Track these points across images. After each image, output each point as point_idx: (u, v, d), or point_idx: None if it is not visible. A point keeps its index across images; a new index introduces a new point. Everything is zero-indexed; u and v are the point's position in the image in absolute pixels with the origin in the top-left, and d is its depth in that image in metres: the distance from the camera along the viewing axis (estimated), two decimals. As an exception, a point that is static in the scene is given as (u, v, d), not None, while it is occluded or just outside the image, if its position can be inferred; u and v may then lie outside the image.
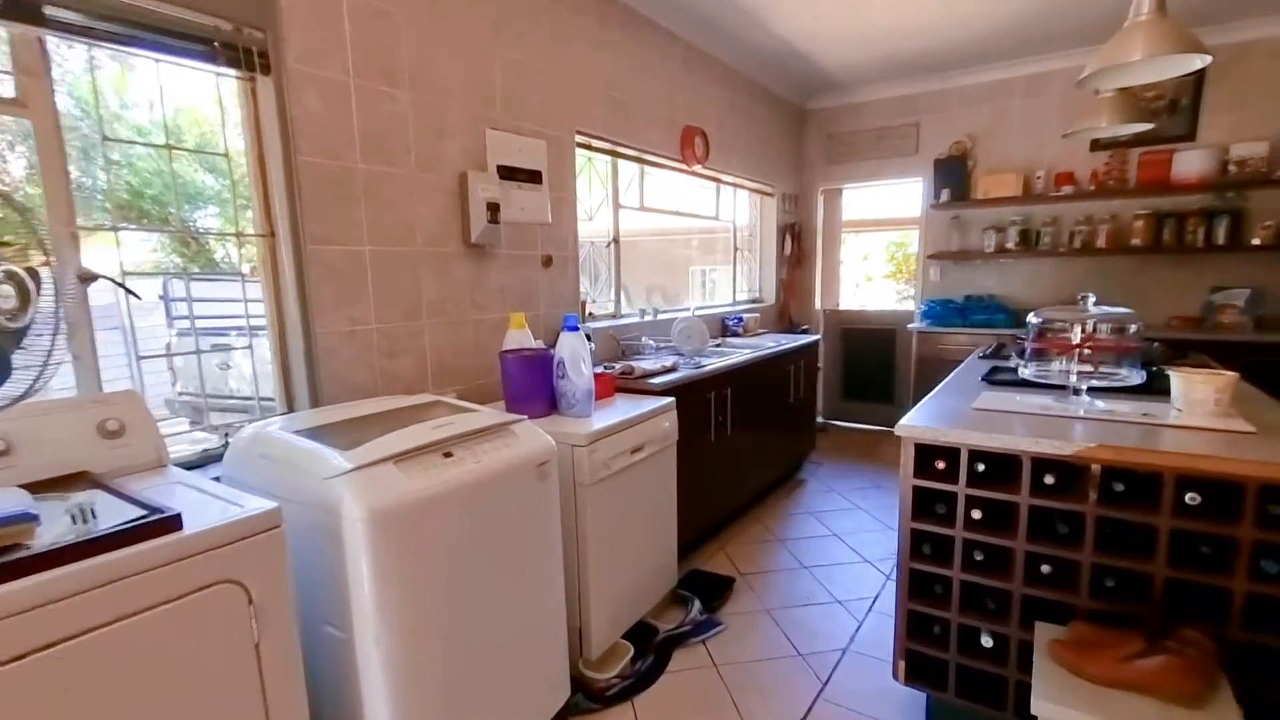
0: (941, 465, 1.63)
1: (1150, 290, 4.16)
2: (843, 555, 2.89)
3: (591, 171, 3.26)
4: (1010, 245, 4.43)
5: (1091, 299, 1.82)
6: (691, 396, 2.68)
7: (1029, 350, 1.89)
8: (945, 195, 4.58)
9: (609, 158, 3.24)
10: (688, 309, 3.79)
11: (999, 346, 3.01)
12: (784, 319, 5.09)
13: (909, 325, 4.71)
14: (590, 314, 3.18)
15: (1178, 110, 3.99)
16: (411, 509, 1.30)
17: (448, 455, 1.43)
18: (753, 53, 4.03)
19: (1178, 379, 1.64)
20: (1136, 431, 1.51)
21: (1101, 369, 1.72)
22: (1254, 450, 1.32)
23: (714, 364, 2.91)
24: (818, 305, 5.41)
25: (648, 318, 3.47)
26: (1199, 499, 1.33)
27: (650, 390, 2.49)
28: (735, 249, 4.68)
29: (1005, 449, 1.50)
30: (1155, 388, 1.78)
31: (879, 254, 5.63)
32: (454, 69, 2.27)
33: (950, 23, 3.67)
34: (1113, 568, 1.44)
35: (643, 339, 3.23)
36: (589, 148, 3.01)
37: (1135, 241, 4.05)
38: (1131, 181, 4.10)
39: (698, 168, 3.78)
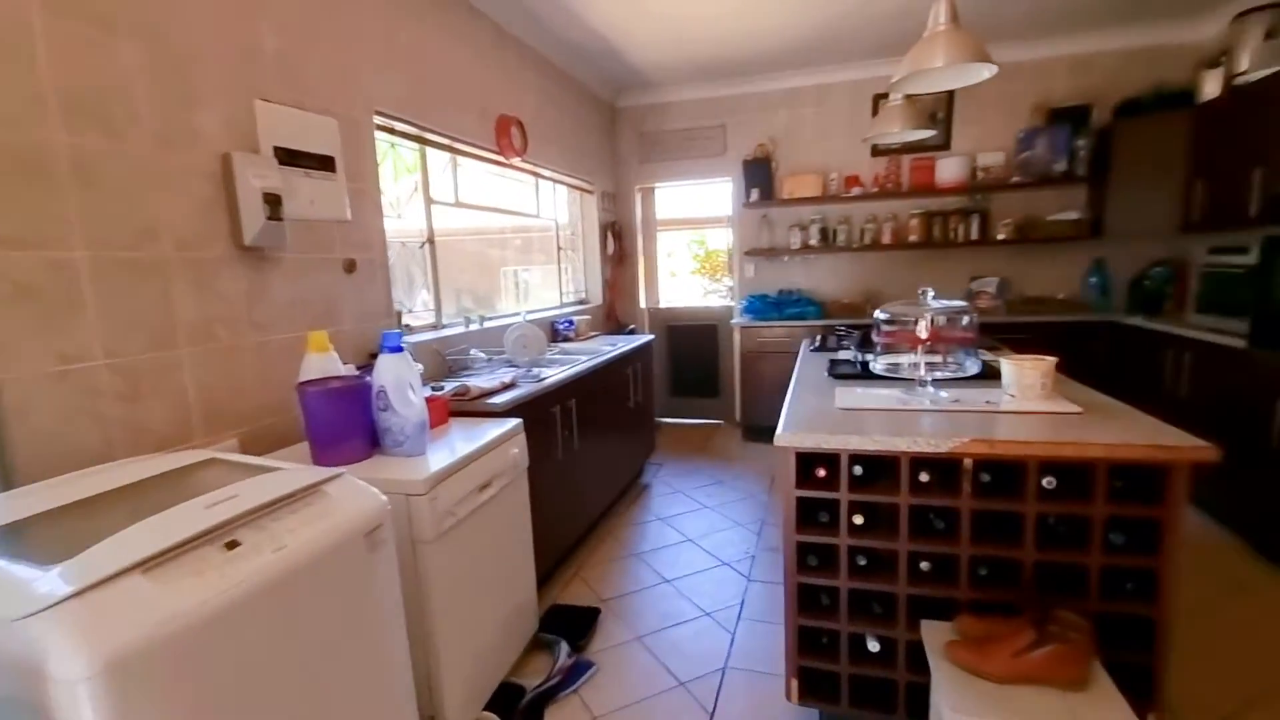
0: (823, 473, 1.57)
1: (926, 281, 4.61)
2: (700, 561, 2.82)
3: (396, 161, 2.81)
4: (813, 242, 4.77)
5: (930, 293, 1.89)
6: (536, 413, 2.40)
7: (879, 345, 1.92)
8: (755, 195, 4.79)
9: (416, 145, 2.81)
10: (516, 314, 3.47)
11: (824, 338, 3.15)
12: (611, 319, 4.98)
13: (731, 321, 4.87)
14: (408, 326, 2.73)
15: (936, 122, 4.56)
16: (176, 643, 0.88)
17: (232, 545, 1.01)
18: (566, 43, 3.82)
19: (1009, 366, 1.76)
20: (989, 420, 1.57)
21: (947, 360, 1.79)
22: (1091, 430, 1.42)
23: (556, 375, 2.65)
24: (642, 304, 5.40)
25: (474, 326, 3.10)
26: (1055, 483, 1.41)
27: (492, 412, 2.17)
28: (559, 248, 4.45)
29: (886, 451, 1.47)
30: (985, 374, 1.90)
31: (681, 251, 5.79)
32: (204, 19, 1.73)
33: (748, 30, 3.78)
34: (986, 557, 1.48)
35: (472, 351, 2.87)
36: (391, 131, 2.57)
37: (913, 238, 4.57)
38: (905, 185, 4.62)
39: (517, 160, 3.48)
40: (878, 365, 1.93)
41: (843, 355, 2.60)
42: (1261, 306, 2.61)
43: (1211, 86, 3.63)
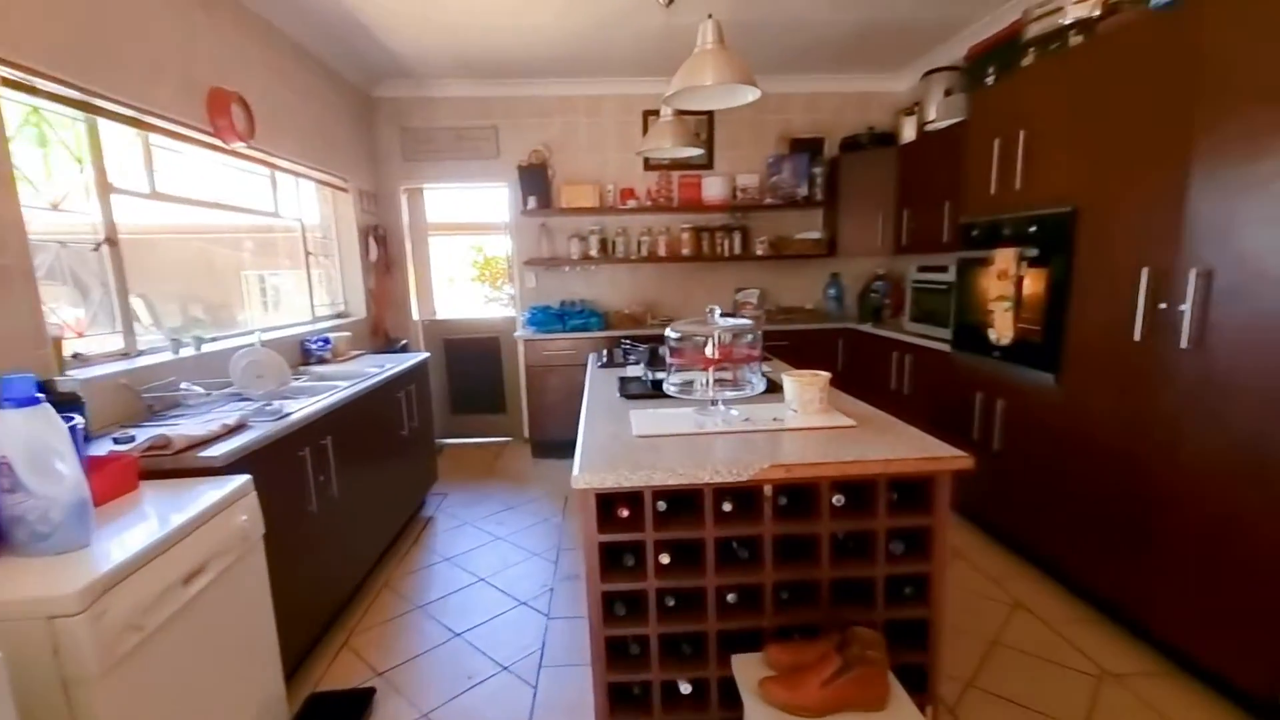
0: (626, 513, 1.43)
1: (697, 291, 5.00)
2: (496, 604, 2.55)
3: (45, 132, 2.07)
4: (593, 253, 4.74)
5: (717, 310, 1.88)
6: (279, 460, 1.93)
7: (671, 365, 1.86)
8: (533, 203, 4.61)
9: (81, 115, 2.11)
10: (250, 332, 2.83)
11: (610, 353, 3.08)
12: (379, 335, 4.41)
13: (515, 333, 4.63)
14: (77, 356, 2.03)
15: (701, 141, 4.83)
16: None
17: None
18: (301, 12, 3.23)
19: (791, 383, 1.80)
20: (781, 439, 1.57)
21: (736, 377, 1.79)
22: (869, 445, 1.48)
23: (304, 408, 2.17)
24: (415, 316, 4.88)
25: (188, 351, 2.44)
26: (844, 500, 1.44)
27: (208, 468, 1.66)
28: (308, 253, 3.79)
29: (690, 484, 1.38)
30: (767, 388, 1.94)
31: (457, 259, 5.42)
32: None
33: (516, 28, 3.53)
34: (787, 581, 1.47)
35: (183, 385, 2.23)
36: (34, 92, 1.87)
37: (685, 251, 4.78)
38: (676, 200, 4.82)
39: (240, 146, 2.85)
40: (670, 386, 1.87)
41: (632, 372, 2.53)
42: (958, 317, 3.14)
43: (909, 131, 4.34)
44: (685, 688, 1.50)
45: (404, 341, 4.46)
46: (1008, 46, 3.17)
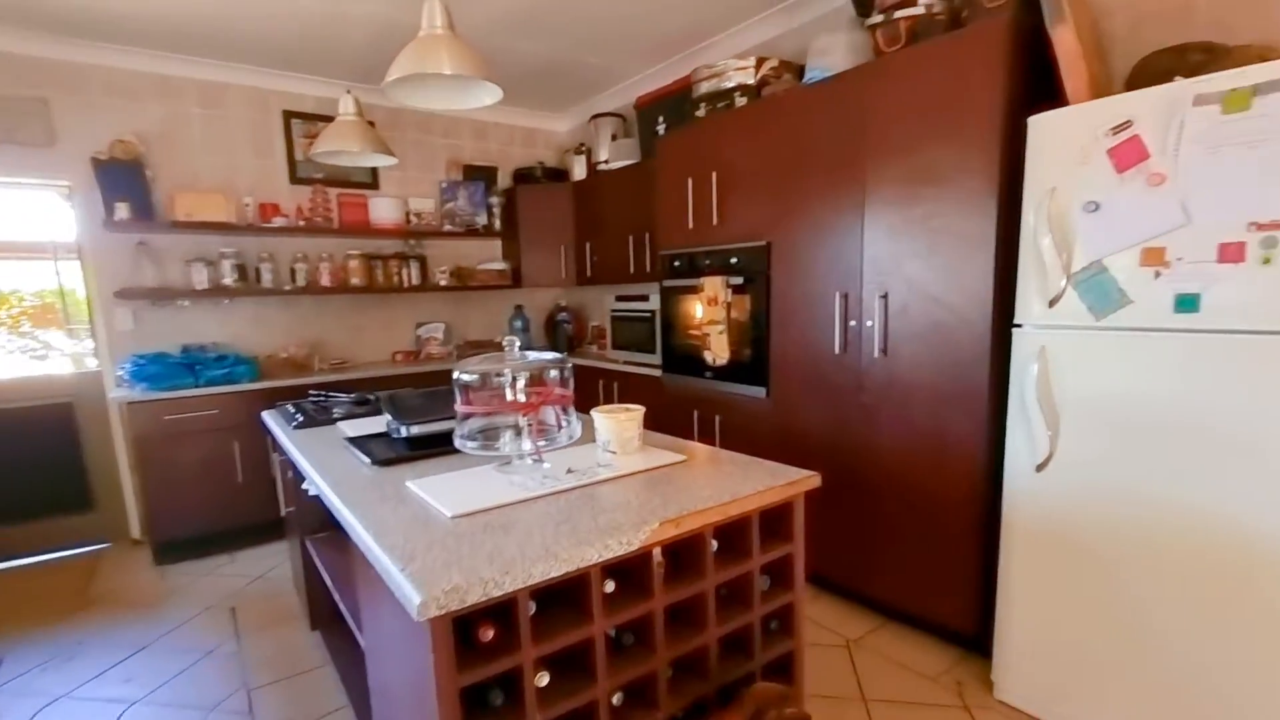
0: (491, 634, 1.02)
1: (371, 328, 4.31)
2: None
3: None
4: (228, 282, 3.65)
5: (516, 343, 1.56)
6: None
7: (462, 414, 1.46)
8: (123, 211, 3.32)
9: None
10: None
11: (303, 408, 2.34)
12: None
13: (110, 394, 3.22)
14: None
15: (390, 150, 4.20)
16: None
17: None
18: None
19: (605, 420, 1.59)
20: (633, 489, 1.35)
21: (559, 423, 1.49)
22: (726, 481, 1.37)
23: None
24: (-115, 383, 3.00)
25: None
26: (716, 545, 1.30)
27: None
28: None
29: (577, 569, 1.05)
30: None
31: None
32: None
33: None
34: (678, 658, 1.25)
35: None
36: None
37: (356, 281, 4.06)
38: (336, 221, 4.08)
39: None
40: (467, 443, 1.47)
41: (361, 429, 1.94)
42: (667, 342, 3.34)
43: (580, 169, 4.54)
44: (571, 838, 1.14)
45: None
46: (679, 99, 3.56)
